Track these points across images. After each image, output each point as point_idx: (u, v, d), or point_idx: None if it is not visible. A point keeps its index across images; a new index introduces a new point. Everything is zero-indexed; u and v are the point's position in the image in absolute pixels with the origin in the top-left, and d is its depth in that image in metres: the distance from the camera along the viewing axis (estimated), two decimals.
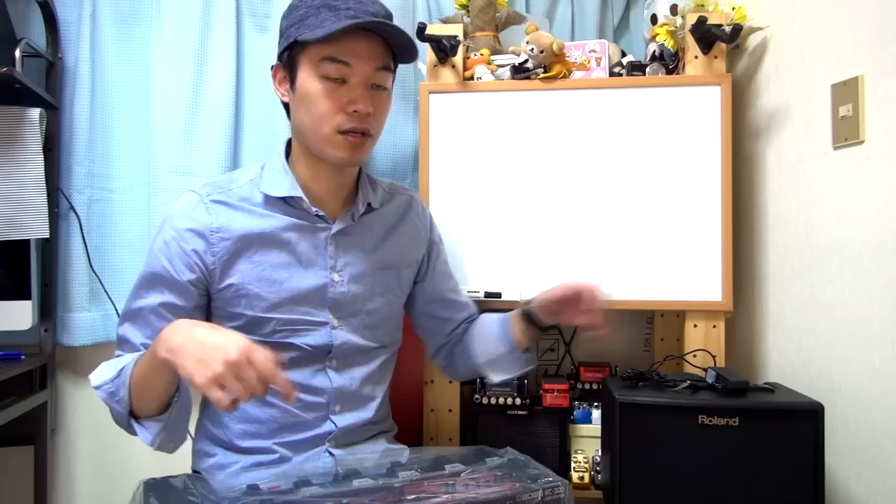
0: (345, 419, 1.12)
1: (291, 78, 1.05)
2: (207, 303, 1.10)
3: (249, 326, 1.07)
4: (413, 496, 0.84)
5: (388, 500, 0.83)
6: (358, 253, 1.14)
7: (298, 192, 1.08)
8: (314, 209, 1.09)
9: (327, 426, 1.11)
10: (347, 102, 1.01)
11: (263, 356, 0.81)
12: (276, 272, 1.07)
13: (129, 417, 0.98)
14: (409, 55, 1.05)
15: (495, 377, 1.26)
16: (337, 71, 1.00)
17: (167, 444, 1.00)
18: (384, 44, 1.04)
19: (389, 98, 1.08)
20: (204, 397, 1.14)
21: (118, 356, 1.05)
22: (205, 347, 0.81)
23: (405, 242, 1.22)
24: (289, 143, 1.15)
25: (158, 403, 0.96)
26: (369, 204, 1.16)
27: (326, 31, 0.96)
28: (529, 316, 1.17)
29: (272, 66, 1.09)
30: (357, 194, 1.15)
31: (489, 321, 1.26)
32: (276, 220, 1.08)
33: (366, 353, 1.15)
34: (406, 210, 1.24)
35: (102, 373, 0.99)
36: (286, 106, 1.11)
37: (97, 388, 0.98)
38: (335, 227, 1.11)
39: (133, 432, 0.99)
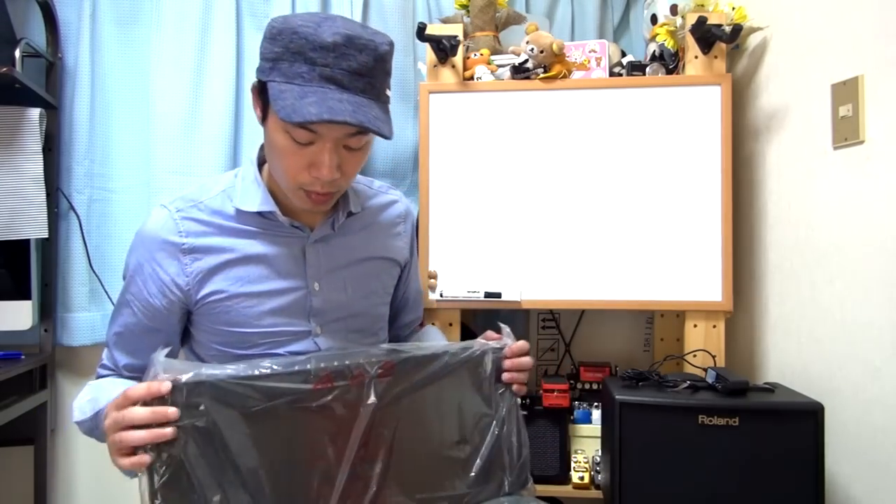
0: None
1: (263, 113, 0.97)
2: (187, 322, 1.09)
3: (229, 341, 1.05)
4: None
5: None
6: (338, 258, 1.10)
7: (272, 207, 1.03)
8: (289, 221, 1.05)
9: None
10: (311, 166, 0.94)
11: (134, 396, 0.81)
12: (253, 286, 1.04)
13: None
14: (382, 135, 0.92)
15: None
16: (304, 136, 0.92)
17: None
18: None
19: (366, 152, 1.00)
20: None
21: (102, 366, 1.09)
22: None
23: (386, 245, 1.18)
24: (262, 149, 1.09)
25: None
26: (350, 210, 1.11)
27: (287, 115, 0.87)
28: None
29: (253, 83, 0.99)
30: (339, 203, 1.09)
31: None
32: (249, 234, 1.04)
33: None
34: (389, 213, 1.20)
35: (81, 410, 0.98)
36: None
37: (77, 423, 0.98)
38: (313, 236, 1.07)
39: None
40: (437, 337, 1.30)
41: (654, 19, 1.56)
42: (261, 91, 0.96)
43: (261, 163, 1.09)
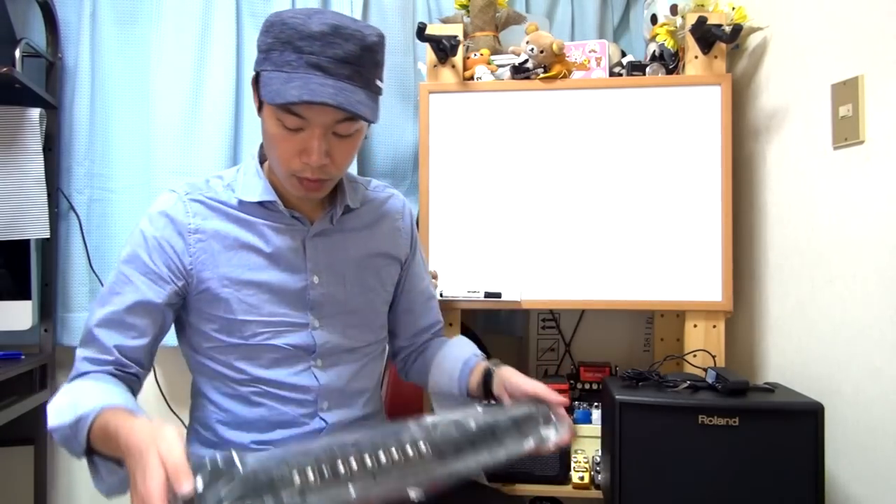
0: (334, 416, 1.11)
1: (259, 103, 1.01)
2: (181, 304, 1.07)
3: (228, 329, 1.05)
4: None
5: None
6: (337, 253, 1.12)
7: (273, 197, 1.06)
8: (290, 212, 1.07)
9: (316, 423, 1.10)
10: (301, 152, 0.97)
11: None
12: (253, 274, 1.06)
13: (86, 456, 0.90)
14: (362, 117, 0.95)
15: (437, 408, 1.25)
16: (293, 122, 0.95)
17: (121, 492, 0.88)
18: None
19: (356, 140, 1.02)
20: (195, 399, 1.15)
21: (85, 358, 1.01)
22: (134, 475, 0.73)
23: (386, 241, 1.20)
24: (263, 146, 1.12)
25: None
26: (347, 205, 1.13)
27: (272, 97, 0.91)
28: (488, 377, 1.11)
29: (253, 75, 1.03)
30: (336, 197, 1.12)
31: (454, 357, 1.20)
32: (252, 224, 1.07)
33: (351, 352, 1.14)
34: (388, 209, 1.21)
35: (59, 413, 0.90)
36: None
37: (52, 430, 0.90)
38: (313, 230, 1.09)
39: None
40: (469, 350, 1.23)
41: (654, 19, 1.56)
42: (256, 82, 0.99)
43: (262, 160, 1.11)
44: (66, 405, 0.90)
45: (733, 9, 1.47)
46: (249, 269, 1.06)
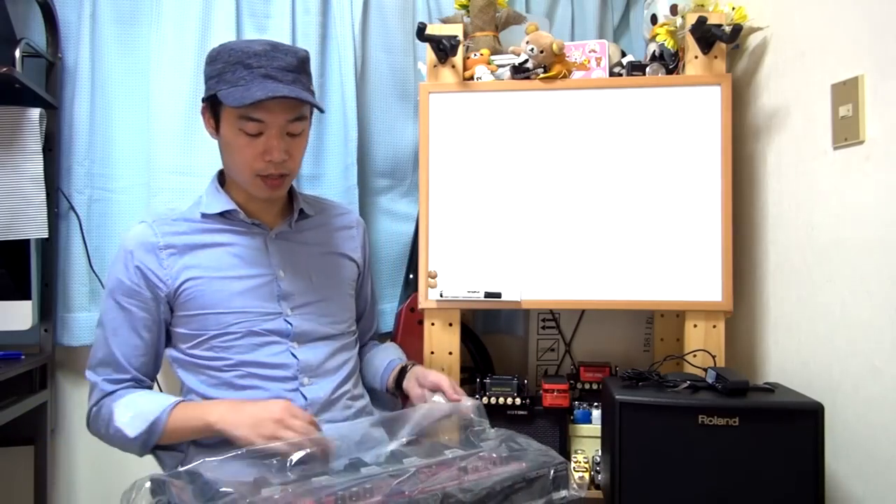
0: (313, 391, 1.19)
1: (216, 123, 1.17)
2: (169, 311, 1.19)
3: (206, 325, 1.17)
4: (431, 478, 0.84)
5: (407, 484, 0.83)
6: (300, 250, 1.26)
7: (233, 206, 1.21)
8: (250, 220, 1.22)
9: (299, 400, 1.18)
10: (263, 152, 1.13)
11: (300, 410, 1.07)
12: (224, 271, 1.18)
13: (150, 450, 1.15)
14: (317, 107, 1.16)
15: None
16: (253, 128, 1.12)
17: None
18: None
19: (305, 138, 1.20)
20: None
21: (105, 380, 1.17)
22: (255, 415, 1.04)
23: (342, 243, 1.34)
24: (221, 173, 1.27)
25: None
26: (302, 210, 1.27)
27: (239, 100, 1.08)
28: (402, 374, 1.31)
29: (202, 105, 1.20)
30: (292, 205, 1.28)
31: (381, 358, 1.39)
32: (216, 231, 1.21)
33: (326, 337, 1.25)
34: (343, 219, 1.37)
35: (132, 423, 1.11)
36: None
37: (133, 438, 1.10)
38: (273, 232, 1.24)
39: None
40: (396, 354, 1.41)
41: (654, 19, 1.56)
42: (210, 106, 1.16)
43: (221, 182, 1.25)
44: (134, 414, 1.11)
45: (733, 9, 1.47)
46: (219, 268, 1.18)
